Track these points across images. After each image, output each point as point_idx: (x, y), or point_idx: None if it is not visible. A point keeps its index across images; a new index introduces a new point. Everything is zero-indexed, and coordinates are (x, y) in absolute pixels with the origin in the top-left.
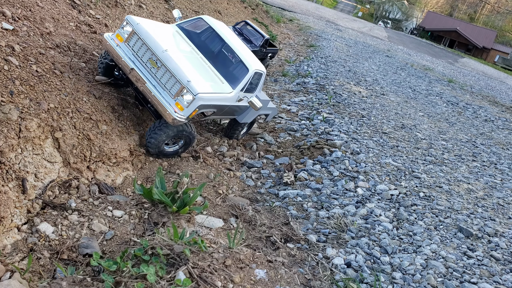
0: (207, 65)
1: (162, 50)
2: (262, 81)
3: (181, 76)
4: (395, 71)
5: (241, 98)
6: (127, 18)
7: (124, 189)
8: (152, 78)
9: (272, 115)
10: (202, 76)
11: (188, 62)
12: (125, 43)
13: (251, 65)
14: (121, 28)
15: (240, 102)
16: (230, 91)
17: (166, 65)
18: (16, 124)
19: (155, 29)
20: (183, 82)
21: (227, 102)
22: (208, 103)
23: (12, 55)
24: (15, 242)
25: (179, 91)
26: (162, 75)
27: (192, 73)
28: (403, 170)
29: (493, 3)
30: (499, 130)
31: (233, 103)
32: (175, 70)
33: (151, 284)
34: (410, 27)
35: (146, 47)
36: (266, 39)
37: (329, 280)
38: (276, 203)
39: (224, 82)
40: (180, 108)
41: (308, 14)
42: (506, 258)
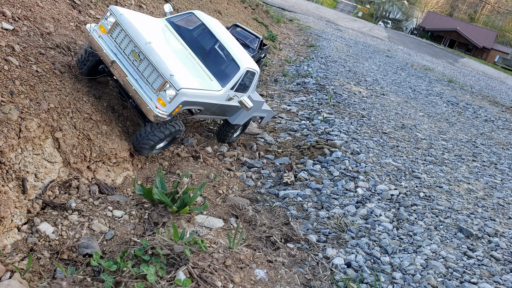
0: (195, 61)
1: (146, 42)
2: (255, 81)
3: (163, 69)
4: (395, 71)
5: (231, 97)
6: (111, 9)
7: (124, 189)
8: (134, 72)
9: (268, 118)
10: (189, 72)
11: (173, 56)
12: (108, 34)
13: (242, 63)
14: (104, 19)
15: (230, 101)
16: (219, 89)
17: (148, 57)
18: (16, 124)
19: (139, 21)
20: (166, 76)
21: (216, 101)
22: (193, 100)
23: (12, 55)
24: (15, 242)
25: (162, 86)
26: (145, 68)
27: (176, 67)
28: (403, 170)
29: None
30: (499, 130)
31: (223, 102)
32: (157, 63)
33: (151, 284)
34: (410, 27)
35: (129, 38)
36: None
37: (329, 280)
38: (276, 203)
39: (213, 79)
40: (162, 103)
41: (308, 14)
42: (506, 258)
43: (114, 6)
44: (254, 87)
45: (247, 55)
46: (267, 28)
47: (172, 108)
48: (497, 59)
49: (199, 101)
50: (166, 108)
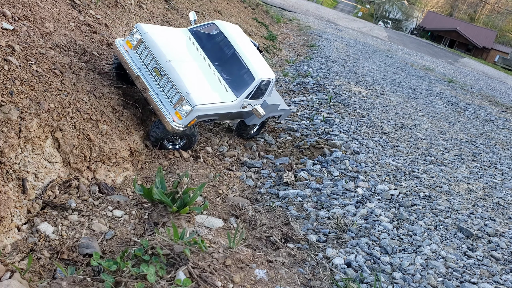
0: (213, 73)
1: (166, 60)
2: (271, 87)
3: (181, 87)
4: (395, 71)
5: (245, 105)
6: (137, 27)
7: (124, 189)
8: (155, 86)
9: (285, 116)
10: (205, 86)
11: (192, 71)
12: (134, 50)
13: (257, 73)
14: (131, 35)
15: (244, 108)
16: (233, 99)
17: (168, 75)
18: (16, 124)
19: (163, 38)
20: (183, 93)
21: (230, 110)
22: (207, 113)
23: (12, 55)
24: (15, 242)
25: (179, 101)
26: (165, 84)
27: (193, 84)
28: (403, 170)
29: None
30: (499, 130)
31: (237, 110)
32: (176, 81)
33: (151, 284)
34: (410, 27)
35: (151, 56)
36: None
37: (329, 280)
38: (276, 203)
39: (228, 90)
40: (179, 117)
41: (308, 14)
42: (506, 258)
43: (139, 24)
44: (270, 92)
45: (263, 64)
46: (267, 28)
47: (187, 121)
48: (497, 59)
49: (213, 113)
50: (182, 121)
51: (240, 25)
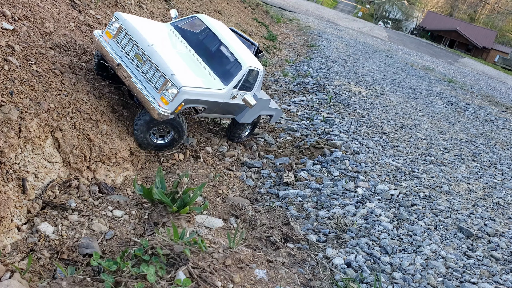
0: (198, 62)
1: (148, 44)
2: (260, 80)
3: (165, 69)
4: (395, 71)
5: (235, 96)
6: (115, 15)
7: (124, 189)
8: (138, 73)
9: (277, 117)
10: (190, 71)
11: (176, 56)
12: (114, 39)
13: (245, 62)
14: (110, 25)
15: (234, 100)
16: (221, 87)
17: (150, 59)
18: (16, 124)
19: (143, 25)
20: (167, 75)
21: (219, 99)
22: (195, 98)
23: (12, 55)
24: (15, 242)
25: (164, 85)
26: (148, 69)
27: (178, 66)
28: (403, 170)
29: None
30: (499, 130)
31: (227, 100)
32: (159, 63)
33: (151, 284)
34: (410, 27)
35: (132, 42)
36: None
37: (329, 280)
38: (276, 203)
39: (215, 78)
40: (165, 102)
41: (308, 14)
42: (506, 258)
43: (118, 12)
44: (259, 86)
45: (251, 55)
46: (267, 28)
47: (174, 106)
48: (497, 59)
49: (201, 99)
50: (169, 106)
51: (240, 25)
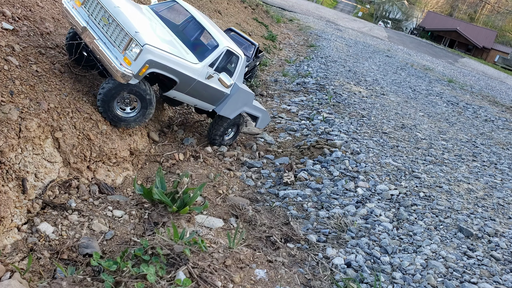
0: (171, 36)
1: (115, 6)
2: (241, 68)
3: (129, 27)
4: (395, 71)
5: (211, 75)
6: None
7: (124, 189)
8: (103, 36)
9: (265, 121)
10: (160, 37)
11: (145, 22)
12: (82, 6)
13: (222, 41)
14: None
15: (210, 81)
16: (195, 62)
17: (116, 18)
18: (16, 124)
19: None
20: (131, 33)
21: (193, 74)
22: (162, 62)
23: (12, 55)
24: (15, 242)
25: (127, 44)
26: (113, 31)
27: (144, 28)
28: (403, 170)
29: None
30: (499, 130)
31: (202, 79)
32: (124, 22)
33: (151, 284)
34: (410, 27)
35: (100, 5)
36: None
37: (329, 280)
38: (276, 203)
39: (189, 53)
40: (128, 62)
41: (308, 14)
42: (506, 258)
43: None
44: (240, 75)
45: (231, 41)
46: (267, 28)
47: (138, 67)
48: (497, 59)
49: (170, 66)
50: (132, 66)
51: (240, 25)
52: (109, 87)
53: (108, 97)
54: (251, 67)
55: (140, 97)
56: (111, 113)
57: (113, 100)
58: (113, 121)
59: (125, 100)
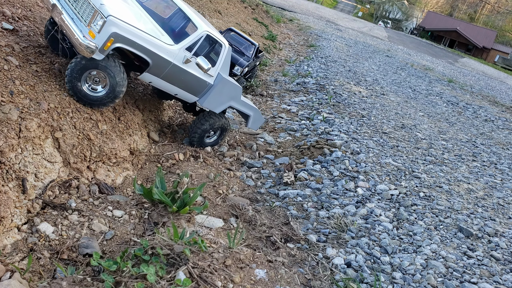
0: (148, 19)
1: None
2: (225, 58)
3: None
4: (395, 71)
5: (189, 59)
6: None
7: (124, 189)
8: (71, 12)
9: (257, 121)
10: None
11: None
12: None
13: (201, 25)
14: None
15: (189, 66)
16: (170, 43)
17: None
18: (16, 124)
19: None
20: (96, 5)
21: (167, 56)
22: (129, 37)
23: (12, 55)
24: (15, 242)
25: (93, 17)
26: (81, 6)
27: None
28: (403, 170)
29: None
30: (499, 130)
31: (178, 63)
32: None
33: (151, 284)
34: (410, 27)
35: None
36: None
37: (329, 280)
38: (276, 203)
39: (164, 34)
40: (92, 35)
41: (308, 14)
42: (506, 258)
43: None
44: (225, 65)
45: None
46: (267, 28)
47: (102, 40)
48: (497, 59)
49: (139, 43)
50: (96, 39)
51: (240, 25)
52: (76, 62)
53: (75, 73)
54: (251, 67)
55: (108, 75)
56: (78, 91)
57: (80, 78)
58: (81, 100)
59: (94, 79)
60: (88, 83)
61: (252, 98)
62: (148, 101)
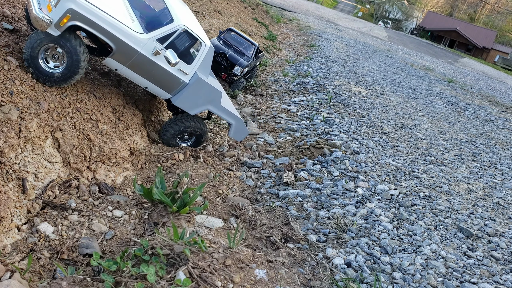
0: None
1: None
2: (205, 57)
3: None
4: (395, 71)
5: (158, 51)
6: None
7: (124, 189)
8: None
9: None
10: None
11: None
12: None
13: (179, 18)
14: None
15: (158, 59)
16: (139, 31)
17: None
18: (16, 124)
19: None
20: None
21: (134, 44)
22: (89, 17)
23: (12, 54)
24: (15, 242)
25: None
26: None
27: None
28: (403, 170)
29: (493, 3)
30: (499, 130)
31: (147, 54)
32: None
33: (151, 284)
34: (410, 27)
35: None
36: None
37: (329, 280)
38: (276, 203)
39: (136, 21)
40: (50, 9)
41: (308, 14)
42: (506, 258)
43: None
44: (205, 65)
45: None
46: (267, 28)
47: (57, 15)
48: (497, 59)
49: (100, 25)
50: (52, 14)
51: (240, 25)
52: (33, 37)
53: (32, 47)
54: (251, 67)
55: (67, 53)
56: (34, 66)
57: (37, 52)
58: (37, 77)
59: (53, 55)
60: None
61: (252, 98)
62: (148, 101)
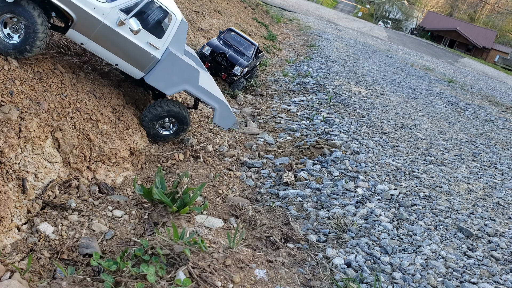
0: None
1: None
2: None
3: None
4: (395, 71)
5: (123, 22)
6: None
7: (124, 189)
8: None
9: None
10: None
11: None
12: None
13: None
14: None
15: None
16: (102, 0)
17: None
18: (16, 124)
19: None
20: None
21: (96, 13)
22: None
23: None
24: (15, 242)
25: None
26: None
27: None
28: (403, 170)
29: (493, 3)
30: (499, 130)
31: (110, 24)
32: None
33: (151, 284)
34: (410, 27)
35: None
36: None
37: (329, 280)
38: (276, 203)
39: None
40: None
41: (308, 14)
42: (506, 258)
43: None
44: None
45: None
46: (267, 28)
47: None
48: (497, 59)
49: None
50: None
51: (240, 25)
52: None
53: None
54: (251, 67)
55: (25, 21)
56: None
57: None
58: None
59: (13, 26)
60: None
61: (252, 98)
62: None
